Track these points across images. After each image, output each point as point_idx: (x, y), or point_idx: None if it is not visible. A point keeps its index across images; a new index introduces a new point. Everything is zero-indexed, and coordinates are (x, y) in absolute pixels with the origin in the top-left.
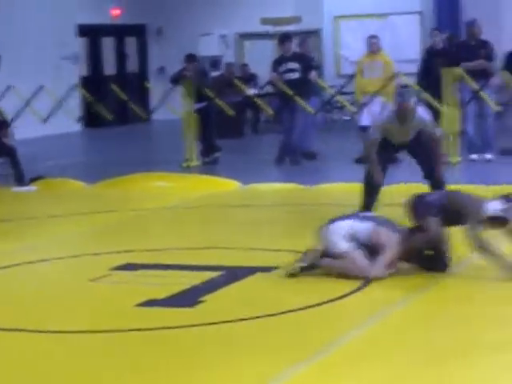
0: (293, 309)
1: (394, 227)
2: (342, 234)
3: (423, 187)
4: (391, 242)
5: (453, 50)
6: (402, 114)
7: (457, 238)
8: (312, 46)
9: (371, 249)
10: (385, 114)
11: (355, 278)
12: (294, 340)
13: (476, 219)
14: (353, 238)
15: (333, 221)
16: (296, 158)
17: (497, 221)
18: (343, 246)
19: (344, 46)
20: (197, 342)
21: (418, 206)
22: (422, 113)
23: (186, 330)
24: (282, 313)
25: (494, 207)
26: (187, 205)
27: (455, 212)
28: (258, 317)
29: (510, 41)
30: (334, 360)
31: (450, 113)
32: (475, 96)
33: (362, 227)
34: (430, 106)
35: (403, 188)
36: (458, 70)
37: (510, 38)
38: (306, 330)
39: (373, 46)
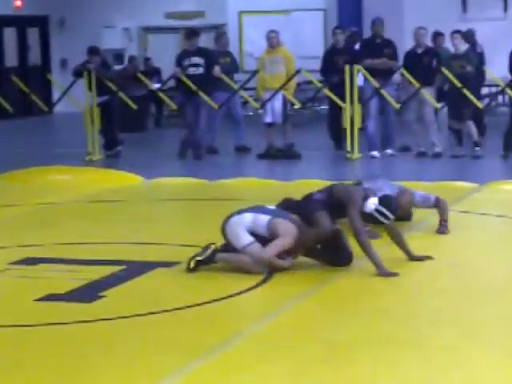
0: (190, 304)
1: (293, 219)
2: (243, 228)
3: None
4: (287, 231)
5: (355, 48)
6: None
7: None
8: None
9: (270, 241)
10: None
11: (256, 272)
12: (191, 336)
13: (354, 212)
14: (253, 231)
15: (233, 214)
16: (199, 153)
17: (371, 218)
18: (243, 240)
19: (248, 42)
20: (89, 339)
21: (305, 204)
22: None
23: (79, 325)
24: (178, 308)
25: (370, 205)
26: (88, 199)
27: (337, 205)
28: (153, 313)
29: (411, 40)
30: (232, 356)
31: (352, 110)
32: (376, 93)
33: (261, 220)
34: (332, 103)
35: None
36: (360, 68)
37: (411, 37)
38: (202, 327)
39: (272, 40)
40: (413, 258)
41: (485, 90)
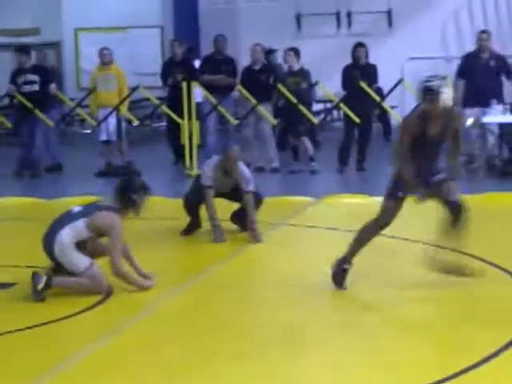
0: (21, 328)
1: (102, 206)
2: (71, 249)
3: None
4: (106, 222)
5: (192, 63)
6: (227, 165)
7: None
8: (52, 58)
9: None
10: (211, 163)
11: (97, 293)
12: (21, 361)
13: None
14: (79, 240)
15: (51, 236)
16: (36, 172)
17: None
18: (80, 265)
19: (84, 59)
20: None
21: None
22: (242, 167)
23: None
24: (9, 332)
25: None
26: None
27: None
28: None
29: (248, 57)
30: (68, 377)
31: (190, 125)
32: (215, 109)
33: (78, 226)
34: (170, 119)
35: None
36: (197, 83)
37: (247, 54)
38: (34, 350)
39: (104, 57)
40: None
41: (320, 106)
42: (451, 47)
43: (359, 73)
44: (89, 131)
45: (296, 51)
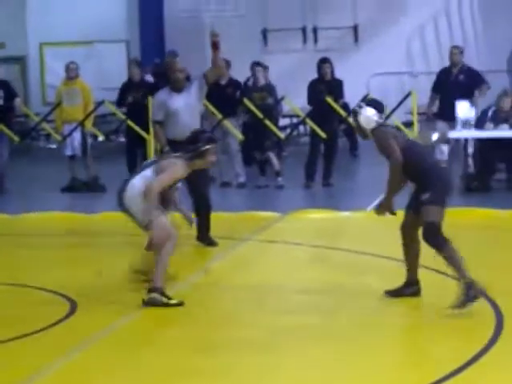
0: None
1: (168, 156)
2: (139, 193)
3: None
4: (172, 162)
5: (148, 80)
6: (173, 78)
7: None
8: (17, 72)
9: None
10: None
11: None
12: None
13: None
14: None
15: (124, 188)
16: (1, 187)
17: None
18: (149, 212)
19: (50, 74)
20: None
21: None
22: None
23: None
24: None
25: None
26: None
27: None
28: None
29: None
30: None
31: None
32: None
33: (148, 174)
34: (135, 135)
35: None
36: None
37: None
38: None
39: (70, 72)
40: None
41: (286, 121)
42: (416, 62)
43: (325, 88)
44: (54, 146)
45: (264, 66)
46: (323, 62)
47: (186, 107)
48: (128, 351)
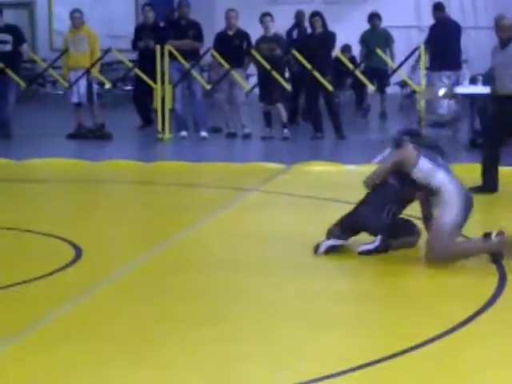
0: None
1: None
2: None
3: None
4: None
5: (163, 28)
6: None
7: None
8: (25, 17)
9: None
10: None
11: None
12: None
13: None
14: None
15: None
16: (7, 132)
17: None
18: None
19: (57, 20)
20: None
21: None
22: None
23: None
24: None
25: None
26: None
27: None
28: None
29: (222, 22)
30: (39, 337)
31: (163, 90)
32: (185, 75)
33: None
34: (143, 83)
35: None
36: (169, 48)
37: (222, 18)
38: (9, 308)
39: (74, 21)
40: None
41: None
42: (425, 17)
43: (315, 41)
44: (61, 92)
45: (271, 17)
46: (313, 15)
47: None
48: (130, 299)
